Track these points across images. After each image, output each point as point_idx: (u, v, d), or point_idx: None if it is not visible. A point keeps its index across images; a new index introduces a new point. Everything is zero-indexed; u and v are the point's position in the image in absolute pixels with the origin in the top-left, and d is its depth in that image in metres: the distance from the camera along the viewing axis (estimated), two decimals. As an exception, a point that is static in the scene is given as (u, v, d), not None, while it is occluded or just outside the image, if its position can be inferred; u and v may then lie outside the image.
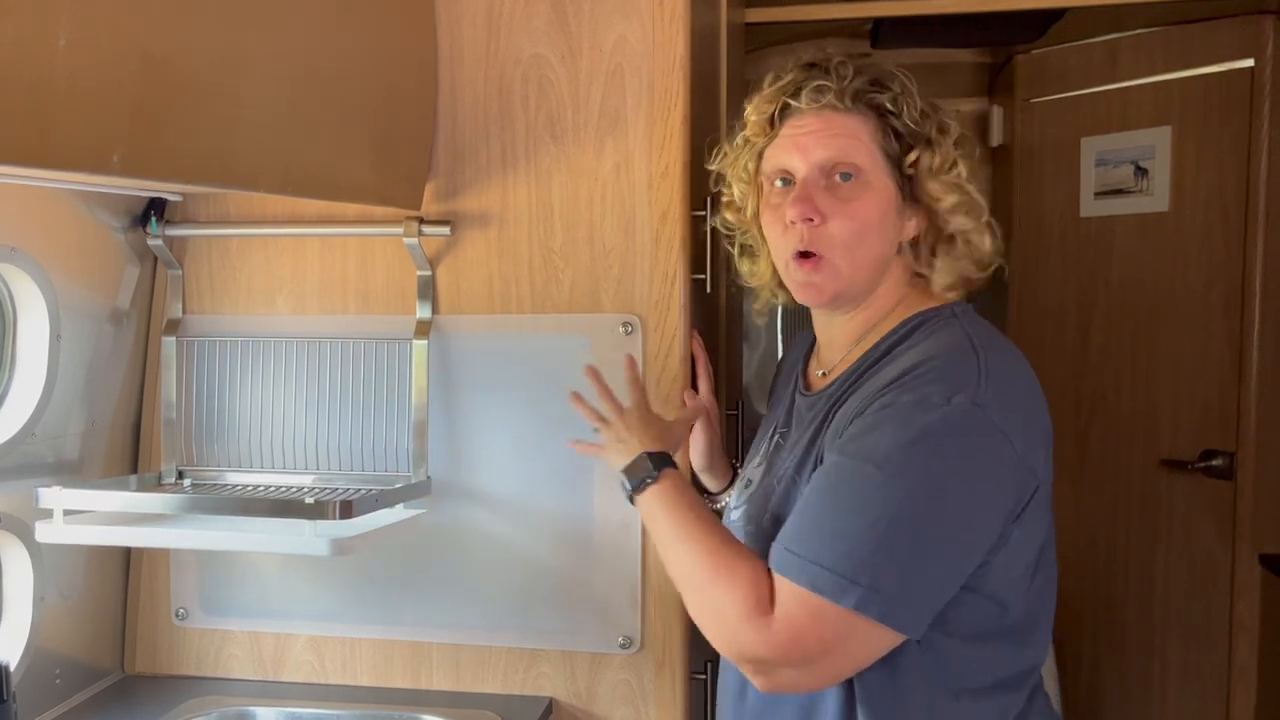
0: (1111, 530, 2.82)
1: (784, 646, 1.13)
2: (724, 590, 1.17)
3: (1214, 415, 2.62)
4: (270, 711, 1.71)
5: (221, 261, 1.82)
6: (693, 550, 1.24)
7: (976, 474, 1.14)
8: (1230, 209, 2.58)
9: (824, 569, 1.11)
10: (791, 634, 1.12)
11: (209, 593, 1.83)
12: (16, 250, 1.50)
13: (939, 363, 1.18)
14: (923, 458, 1.12)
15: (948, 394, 1.14)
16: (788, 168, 1.29)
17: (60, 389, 1.62)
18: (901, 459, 1.12)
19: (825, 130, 1.26)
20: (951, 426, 1.13)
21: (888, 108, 1.26)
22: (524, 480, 1.73)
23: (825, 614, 1.10)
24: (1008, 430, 1.14)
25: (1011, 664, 1.25)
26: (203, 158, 1.20)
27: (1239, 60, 2.55)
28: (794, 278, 1.31)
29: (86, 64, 0.98)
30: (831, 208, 1.25)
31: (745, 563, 1.18)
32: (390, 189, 1.65)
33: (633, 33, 1.67)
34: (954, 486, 1.13)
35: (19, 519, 1.56)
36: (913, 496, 1.12)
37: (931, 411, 1.13)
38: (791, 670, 1.14)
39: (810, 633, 1.12)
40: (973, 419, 1.13)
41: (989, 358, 1.19)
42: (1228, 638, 2.60)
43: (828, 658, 1.13)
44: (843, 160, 1.25)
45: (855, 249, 1.26)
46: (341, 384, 1.77)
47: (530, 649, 1.75)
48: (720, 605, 1.17)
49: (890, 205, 1.27)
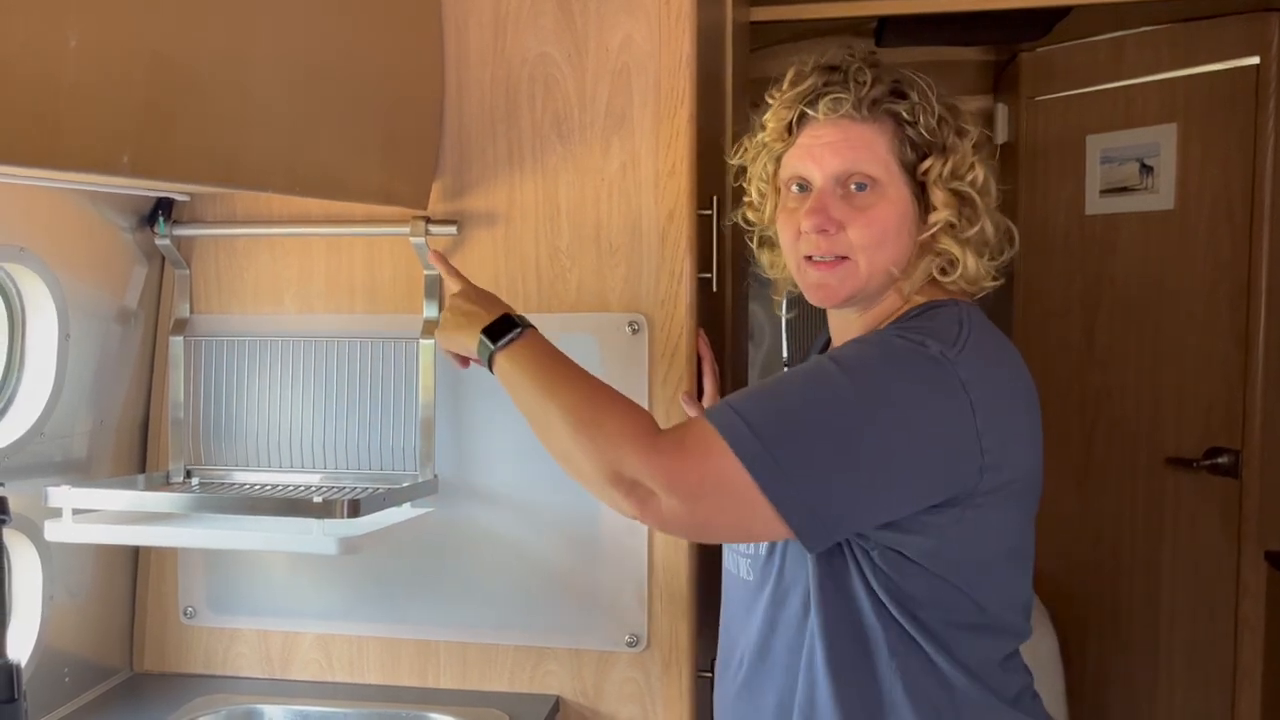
0: (1116, 528, 2.82)
1: (665, 469, 1.15)
2: (609, 417, 1.20)
3: (1219, 413, 2.62)
4: (278, 710, 1.71)
5: (229, 261, 1.82)
6: (576, 390, 1.26)
7: (922, 417, 1.17)
8: (1236, 206, 2.58)
9: (740, 417, 1.14)
10: (675, 457, 1.15)
11: (217, 591, 1.84)
12: (25, 250, 1.50)
13: (923, 321, 1.23)
14: (882, 378, 1.18)
15: (921, 340, 1.18)
16: (804, 175, 1.30)
17: (69, 388, 1.62)
18: (862, 371, 1.18)
19: (842, 141, 1.26)
20: (917, 365, 1.17)
21: (905, 117, 1.26)
22: (531, 479, 1.73)
23: (715, 453, 1.13)
24: (973, 398, 1.16)
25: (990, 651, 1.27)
26: (211, 158, 1.20)
27: (1244, 58, 2.55)
28: (807, 279, 1.31)
29: (96, 65, 0.98)
30: (848, 216, 1.26)
31: (638, 405, 1.24)
32: (397, 188, 1.66)
33: (639, 32, 1.67)
34: (896, 414, 1.16)
35: (28, 518, 1.56)
36: (854, 403, 1.16)
37: (904, 346, 1.18)
38: (669, 499, 1.15)
39: (693, 462, 1.15)
40: (939, 367, 1.17)
41: (976, 336, 1.21)
42: (1233, 636, 2.60)
43: (704, 500, 1.16)
44: (858, 171, 1.26)
45: (875, 252, 1.26)
46: (349, 383, 1.77)
47: (537, 647, 1.75)
48: (604, 429, 1.19)
49: (906, 212, 1.27)
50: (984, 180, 1.28)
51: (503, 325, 1.35)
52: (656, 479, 1.15)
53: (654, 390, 1.69)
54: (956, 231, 1.27)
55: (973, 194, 1.27)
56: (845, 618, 1.23)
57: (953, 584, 1.22)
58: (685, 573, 1.69)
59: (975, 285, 1.31)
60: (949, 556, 1.21)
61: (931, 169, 1.26)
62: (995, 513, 1.22)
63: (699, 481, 1.15)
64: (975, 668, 1.25)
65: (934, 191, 1.27)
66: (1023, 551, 1.30)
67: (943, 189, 1.26)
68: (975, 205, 1.27)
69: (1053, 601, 2.68)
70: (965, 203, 1.27)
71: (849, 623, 1.23)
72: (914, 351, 1.17)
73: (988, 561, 1.25)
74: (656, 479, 1.15)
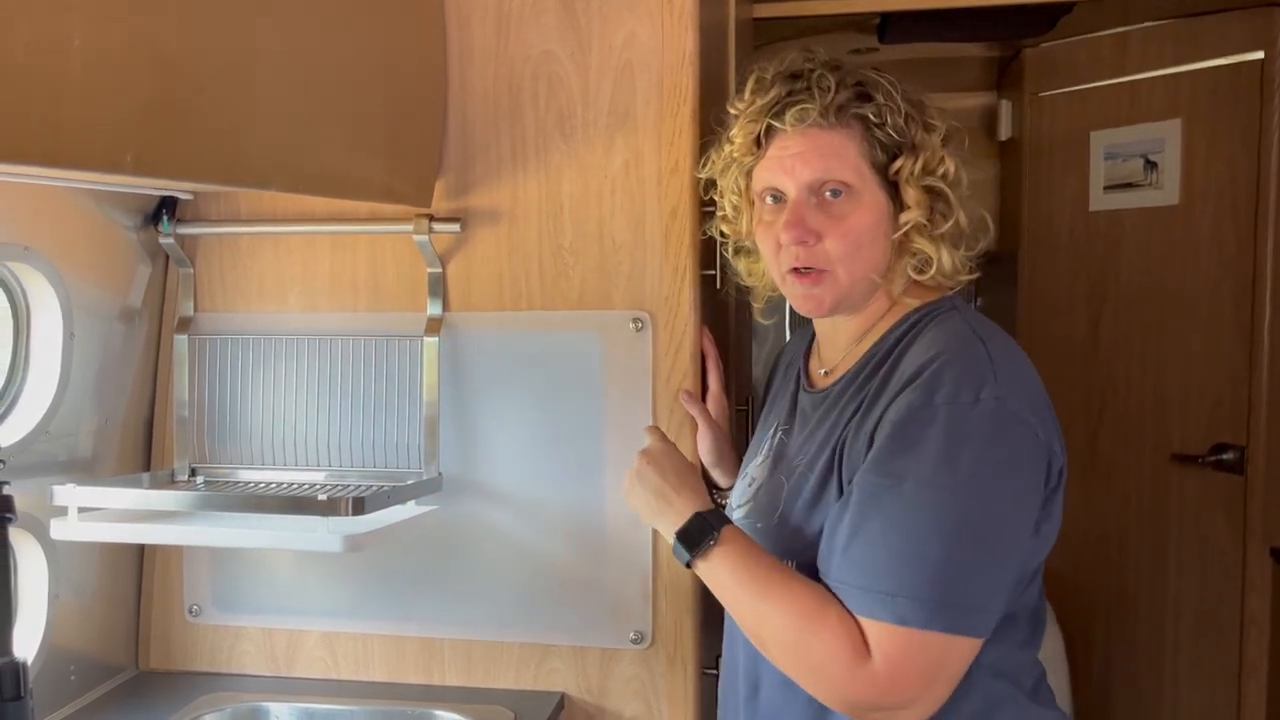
0: (1122, 525, 2.81)
1: (891, 688, 1.12)
2: (818, 645, 1.15)
3: (1224, 409, 2.61)
4: (283, 707, 1.72)
5: (233, 260, 1.82)
6: (776, 609, 1.19)
7: (1016, 469, 1.16)
8: (1240, 202, 2.57)
9: (908, 599, 1.11)
10: (894, 673, 1.12)
11: (222, 589, 1.84)
12: (30, 249, 1.51)
13: (950, 357, 1.19)
14: (968, 465, 1.13)
15: (974, 392, 1.15)
16: (777, 187, 1.30)
17: (73, 387, 1.62)
18: (949, 471, 1.13)
19: (811, 150, 1.26)
20: (986, 427, 1.14)
21: (872, 119, 1.26)
22: (535, 476, 1.73)
23: (920, 644, 1.11)
24: (1030, 419, 1.16)
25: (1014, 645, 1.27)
26: (215, 156, 1.20)
27: (1249, 52, 2.54)
28: (793, 291, 1.31)
29: (100, 64, 0.98)
30: (824, 226, 1.26)
31: (830, 608, 1.16)
32: (400, 186, 1.66)
33: (642, 29, 1.67)
34: (1001, 487, 1.15)
35: (34, 517, 1.57)
36: (968, 506, 1.13)
37: (964, 415, 1.14)
38: (901, 710, 1.13)
39: (911, 667, 1.12)
40: (1002, 415, 1.15)
41: (993, 348, 1.21)
42: (1239, 632, 2.59)
43: (931, 688, 1.13)
44: (830, 179, 1.26)
45: (852, 261, 1.27)
46: (353, 381, 1.78)
47: (542, 644, 1.75)
48: (820, 661, 1.15)
49: (882, 214, 1.28)
50: (955, 172, 1.28)
51: (698, 530, 1.27)
52: (884, 699, 1.12)
53: (658, 387, 1.69)
54: (930, 229, 1.27)
55: (944, 188, 1.27)
56: None
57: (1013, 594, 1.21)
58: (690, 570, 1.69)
59: (952, 280, 1.31)
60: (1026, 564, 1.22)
61: (903, 168, 1.26)
62: (1053, 515, 1.23)
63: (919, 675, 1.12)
64: (999, 662, 1.24)
65: (906, 190, 1.27)
66: None
67: (915, 187, 1.26)
68: (948, 199, 1.28)
69: (1058, 598, 2.66)
70: (938, 198, 1.27)
71: None
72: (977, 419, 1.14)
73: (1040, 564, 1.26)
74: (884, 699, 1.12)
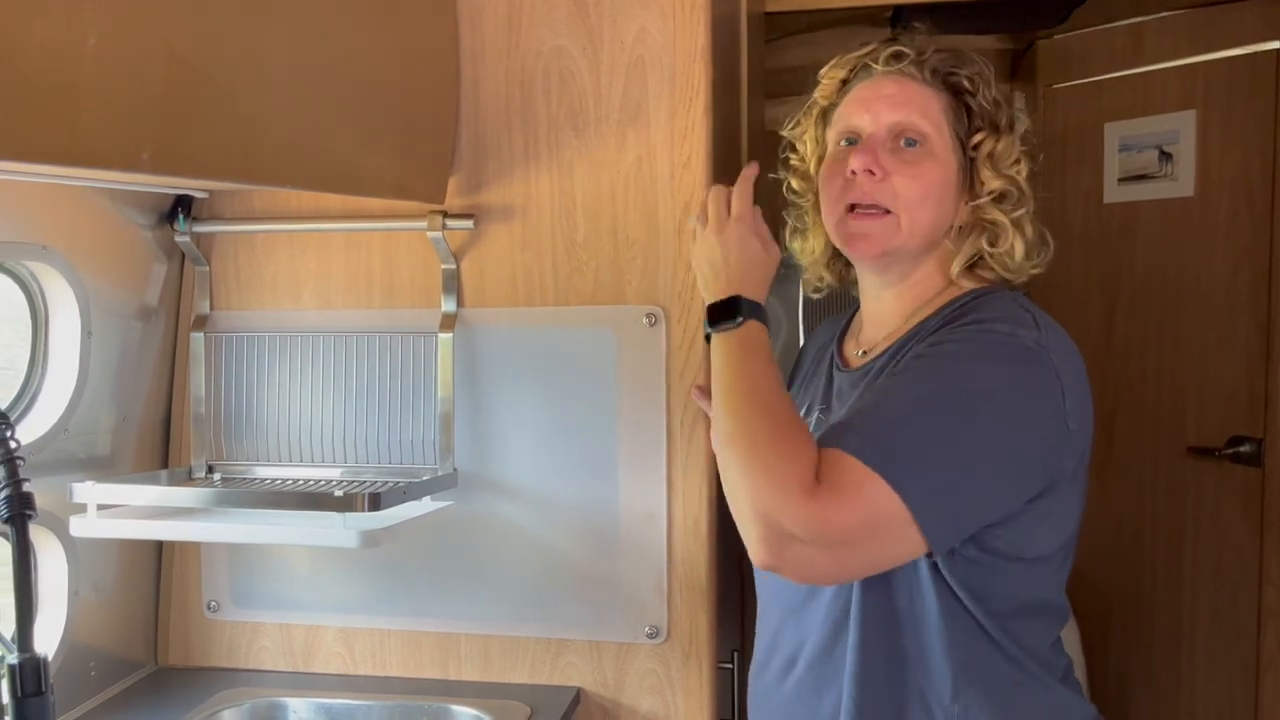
0: (1138, 518, 2.80)
1: (824, 517, 1.07)
2: (783, 457, 1.10)
3: (1241, 401, 2.60)
4: (301, 702, 1.73)
5: (248, 257, 1.83)
6: (758, 405, 1.17)
7: (1030, 406, 1.15)
8: (1256, 192, 2.55)
9: (869, 437, 1.10)
10: (832, 499, 1.07)
11: (240, 585, 1.85)
12: (47, 248, 1.52)
13: (987, 311, 1.21)
14: (986, 375, 1.14)
15: (1013, 328, 1.16)
16: (856, 127, 1.29)
17: (91, 385, 1.64)
18: (967, 369, 1.14)
19: (898, 95, 1.27)
20: (1016, 355, 1.15)
21: (965, 86, 1.27)
22: (550, 471, 1.74)
23: (868, 487, 1.07)
24: (1064, 381, 1.15)
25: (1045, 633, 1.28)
26: (230, 154, 1.21)
27: (1264, 43, 2.52)
28: (847, 230, 1.29)
29: (115, 63, 0.99)
30: (895, 166, 1.25)
31: (808, 440, 1.13)
32: (414, 183, 1.66)
33: (653, 24, 1.67)
34: (1009, 410, 1.14)
35: (53, 514, 1.58)
36: (972, 407, 1.12)
37: (998, 337, 1.16)
38: (814, 548, 1.09)
39: (849, 507, 1.07)
40: (1035, 354, 1.15)
41: (1048, 331, 1.20)
42: (1256, 625, 2.58)
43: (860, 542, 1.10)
44: (911, 126, 1.26)
45: (917, 210, 1.25)
46: (368, 378, 1.78)
47: (558, 639, 1.76)
48: (774, 470, 1.09)
49: (952, 178, 1.27)
50: (1027, 176, 1.28)
51: (727, 310, 1.26)
52: (810, 529, 1.08)
53: (671, 382, 1.69)
54: (1005, 207, 1.26)
55: (1019, 179, 1.27)
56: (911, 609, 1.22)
57: (1032, 573, 1.22)
58: (705, 564, 1.69)
59: (1018, 270, 1.29)
60: (1035, 547, 1.21)
61: (983, 144, 1.26)
62: (1073, 497, 1.22)
63: (854, 526, 1.09)
64: (1034, 648, 1.25)
65: (982, 168, 1.27)
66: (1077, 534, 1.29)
67: (990, 168, 1.26)
68: (1021, 190, 1.27)
69: (1074, 591, 2.65)
70: (1011, 184, 1.27)
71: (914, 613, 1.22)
72: (1008, 342, 1.15)
73: (1064, 545, 1.25)
74: (810, 529, 1.08)
